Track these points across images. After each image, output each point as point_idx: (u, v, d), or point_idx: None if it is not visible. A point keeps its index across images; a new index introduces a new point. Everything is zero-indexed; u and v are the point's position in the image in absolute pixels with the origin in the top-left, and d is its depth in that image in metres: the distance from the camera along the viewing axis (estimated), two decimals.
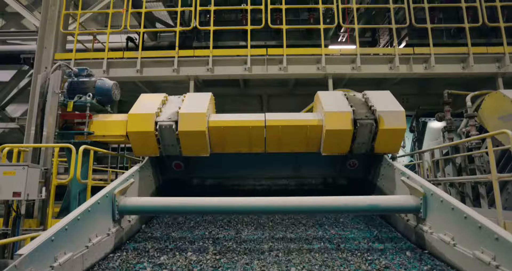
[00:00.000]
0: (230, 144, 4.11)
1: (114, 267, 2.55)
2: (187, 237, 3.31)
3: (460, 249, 2.37)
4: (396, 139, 3.98)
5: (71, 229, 2.36)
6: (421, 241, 2.93)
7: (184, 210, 3.07)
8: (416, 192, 2.98)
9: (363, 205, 2.93)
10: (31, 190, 3.93)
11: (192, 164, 4.52)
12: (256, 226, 3.61)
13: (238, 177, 4.80)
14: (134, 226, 3.44)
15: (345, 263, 2.59)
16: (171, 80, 7.91)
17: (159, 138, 3.98)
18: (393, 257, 2.72)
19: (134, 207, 3.07)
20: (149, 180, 4.12)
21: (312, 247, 2.96)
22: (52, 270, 2.09)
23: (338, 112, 3.91)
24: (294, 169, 4.62)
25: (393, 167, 3.70)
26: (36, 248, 1.99)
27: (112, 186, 3.09)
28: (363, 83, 7.81)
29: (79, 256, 2.39)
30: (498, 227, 2.11)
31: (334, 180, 4.91)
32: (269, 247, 2.97)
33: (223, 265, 2.56)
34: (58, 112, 4.90)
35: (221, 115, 4.23)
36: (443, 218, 2.66)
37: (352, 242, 3.12)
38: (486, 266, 2.07)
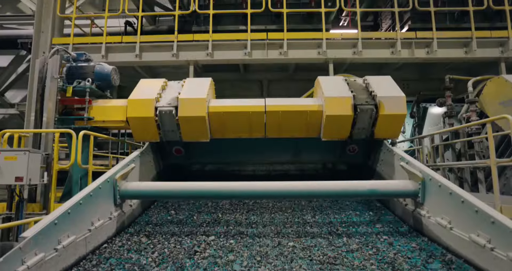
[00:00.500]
0: (230, 129, 4.11)
1: (117, 250, 2.60)
2: (188, 221, 3.36)
3: (456, 233, 2.40)
4: (396, 124, 3.97)
5: (73, 213, 2.40)
6: (419, 225, 2.97)
7: (184, 195, 3.10)
8: (415, 177, 3.01)
9: (362, 190, 2.96)
10: (33, 175, 3.96)
11: (192, 149, 4.54)
12: (256, 210, 3.66)
13: (238, 162, 4.83)
14: (136, 210, 3.49)
15: (343, 246, 2.64)
16: (171, 65, 7.84)
17: (159, 123, 3.98)
18: (389, 241, 2.77)
19: (135, 191, 3.10)
20: (150, 165, 4.14)
21: (311, 231, 3.00)
22: (56, 252, 2.13)
23: (339, 97, 3.89)
24: (294, 154, 4.64)
25: (393, 152, 3.71)
26: (40, 231, 2.03)
27: (113, 171, 3.11)
28: (364, 68, 7.74)
29: (82, 239, 2.44)
30: (494, 211, 2.14)
31: (334, 165, 4.94)
32: (268, 230, 3.02)
33: (224, 248, 2.61)
34: (57, 98, 4.88)
35: (221, 101, 4.21)
36: (440, 202, 2.69)
37: (350, 225, 3.17)
38: (481, 248, 2.11)
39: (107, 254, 2.54)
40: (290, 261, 2.36)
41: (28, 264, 1.86)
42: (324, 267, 2.25)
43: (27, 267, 1.84)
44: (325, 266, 2.27)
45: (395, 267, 2.23)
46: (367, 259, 2.37)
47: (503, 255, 1.93)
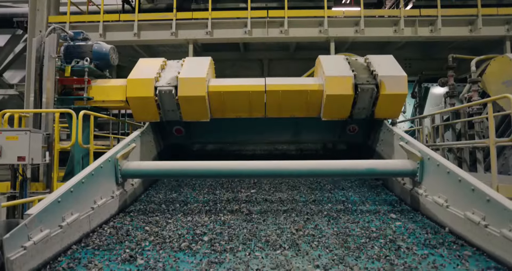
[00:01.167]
0: (230, 109, 4.11)
1: (119, 227, 2.66)
2: (189, 200, 3.42)
3: (452, 210, 2.45)
4: (397, 104, 3.96)
5: (76, 192, 2.44)
6: (416, 204, 3.02)
7: (185, 174, 3.14)
8: (414, 157, 3.03)
9: (361, 169, 2.98)
10: (35, 155, 3.99)
11: (193, 129, 4.55)
12: (256, 189, 3.72)
13: (238, 142, 4.86)
14: (138, 189, 3.55)
15: (340, 225, 2.69)
16: (170, 45, 7.72)
17: (159, 103, 3.98)
18: (386, 219, 2.82)
19: (136, 171, 3.13)
20: (151, 145, 4.17)
21: (309, 209, 3.06)
22: (61, 229, 2.18)
23: (339, 77, 3.85)
24: (294, 134, 4.65)
25: (393, 132, 3.72)
26: (44, 208, 2.07)
27: (114, 151, 3.14)
28: (366, 47, 7.62)
29: (85, 217, 2.49)
30: (490, 189, 2.16)
31: (333, 145, 4.96)
32: (268, 208, 3.08)
33: (225, 225, 2.67)
34: (56, 78, 4.84)
35: (221, 80, 4.18)
36: (438, 181, 2.73)
37: (349, 204, 3.22)
38: (475, 225, 2.15)
39: (112, 229, 2.61)
40: (287, 241, 2.42)
41: (34, 239, 1.91)
42: (320, 244, 2.31)
43: (33, 242, 1.90)
44: (320, 243, 2.33)
45: (392, 244, 2.29)
46: (364, 237, 2.43)
47: (496, 231, 1.98)
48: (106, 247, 2.30)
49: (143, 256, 2.13)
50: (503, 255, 1.92)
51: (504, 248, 1.91)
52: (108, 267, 2.01)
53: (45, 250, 2.01)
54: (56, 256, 2.10)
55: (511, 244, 1.85)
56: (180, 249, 2.23)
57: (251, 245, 2.27)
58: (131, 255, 2.14)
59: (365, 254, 2.14)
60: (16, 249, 1.80)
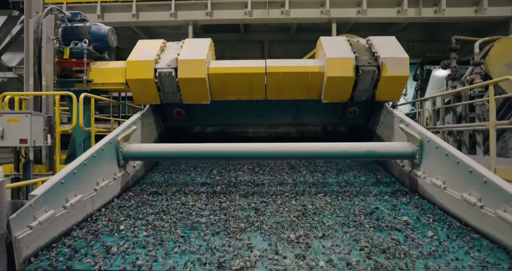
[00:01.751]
0: (231, 91, 4.09)
1: (122, 208, 2.72)
2: (190, 181, 3.47)
3: (449, 192, 2.48)
4: (398, 86, 3.94)
5: (79, 173, 2.47)
6: (414, 186, 3.07)
7: (186, 156, 3.17)
8: (413, 139, 3.04)
9: (361, 151, 3.01)
10: (37, 137, 4.01)
11: (193, 111, 4.56)
12: (256, 171, 3.77)
13: (238, 124, 4.87)
14: (139, 171, 3.59)
15: (339, 206, 2.74)
16: (169, 26, 7.60)
17: (159, 85, 3.96)
18: (385, 200, 2.87)
19: (138, 153, 3.16)
20: (151, 127, 4.18)
21: (310, 190, 3.11)
22: (65, 209, 2.23)
23: (340, 58, 3.82)
24: (294, 116, 4.65)
25: (393, 115, 3.72)
26: (48, 189, 2.10)
27: (115, 133, 3.15)
28: (368, 29, 7.50)
29: (88, 198, 2.54)
30: (487, 171, 2.19)
31: (334, 127, 4.97)
32: (268, 190, 3.12)
33: (226, 206, 2.72)
34: (55, 60, 4.80)
35: (221, 62, 4.15)
36: (436, 163, 2.75)
37: (348, 185, 3.27)
38: (471, 206, 2.19)
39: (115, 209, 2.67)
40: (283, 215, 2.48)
41: (39, 219, 1.96)
42: (318, 221, 2.36)
43: (39, 222, 1.94)
44: (317, 219, 2.38)
45: (388, 224, 2.34)
46: (361, 216, 2.48)
47: (491, 212, 2.01)
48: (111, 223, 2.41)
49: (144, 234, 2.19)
50: (497, 235, 1.97)
51: (498, 228, 1.96)
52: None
53: (51, 230, 2.07)
54: (62, 235, 2.16)
55: (505, 224, 1.89)
56: (179, 231, 2.27)
57: (250, 227, 2.32)
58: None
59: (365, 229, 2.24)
60: (23, 228, 1.84)
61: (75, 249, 1.98)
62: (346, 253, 1.92)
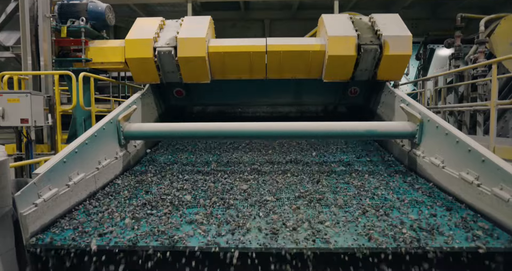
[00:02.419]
0: (231, 70, 4.06)
1: (124, 186, 2.77)
2: (190, 161, 3.50)
3: (448, 171, 2.51)
4: (400, 65, 3.89)
5: (80, 152, 2.50)
6: (413, 165, 3.09)
7: (187, 135, 3.18)
8: (414, 118, 3.04)
9: (361, 131, 3.01)
10: (38, 117, 4.03)
11: (194, 90, 4.53)
12: (256, 151, 3.80)
13: (239, 104, 4.85)
14: (140, 150, 3.62)
15: (339, 185, 2.78)
16: (168, 3, 7.43)
17: (158, 64, 3.92)
18: (384, 179, 2.91)
19: (139, 132, 3.18)
20: (151, 107, 4.18)
21: (309, 169, 3.15)
22: (68, 188, 2.27)
23: (342, 37, 3.75)
24: (295, 96, 4.63)
25: (394, 94, 3.70)
26: (51, 168, 2.13)
27: (116, 113, 3.16)
28: (371, 6, 7.33)
29: (91, 177, 2.57)
30: (486, 150, 2.20)
31: (334, 107, 4.95)
32: (269, 169, 3.16)
33: (226, 184, 2.77)
34: (52, 39, 4.74)
35: (221, 40, 4.08)
36: (436, 143, 2.77)
37: (348, 165, 3.30)
38: (469, 185, 2.22)
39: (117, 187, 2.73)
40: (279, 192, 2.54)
41: (44, 197, 2.00)
42: (314, 198, 2.41)
43: (43, 200, 1.98)
44: (313, 197, 2.42)
45: (387, 202, 2.38)
46: (359, 195, 2.52)
47: (488, 190, 2.05)
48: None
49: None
50: (492, 211, 2.01)
51: (493, 205, 1.99)
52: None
53: (55, 207, 2.11)
54: (66, 213, 2.21)
55: (500, 201, 1.92)
56: (180, 207, 2.34)
57: (249, 203, 2.37)
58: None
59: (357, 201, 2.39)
60: (28, 205, 1.88)
61: (81, 225, 2.03)
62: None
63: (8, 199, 1.89)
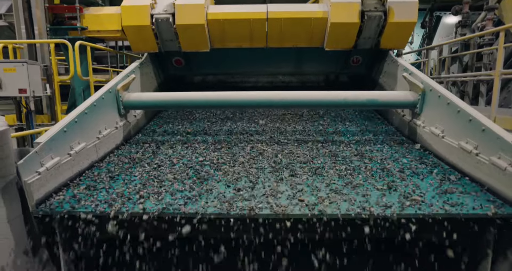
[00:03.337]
0: (231, 38, 3.95)
1: (125, 156, 2.79)
2: (191, 130, 3.51)
3: (447, 141, 2.52)
4: (404, 33, 3.79)
5: (80, 122, 2.50)
6: (413, 135, 3.10)
7: (187, 104, 3.16)
8: (416, 88, 3.01)
9: (362, 100, 2.99)
10: (36, 87, 3.99)
11: (193, 59, 4.45)
12: (256, 119, 3.81)
13: (239, 73, 4.78)
14: (140, 120, 3.62)
15: (339, 154, 2.81)
16: None
17: (156, 32, 3.82)
18: (384, 148, 2.93)
19: (138, 102, 3.16)
20: (150, 76, 4.12)
21: (309, 139, 3.16)
22: (70, 157, 2.29)
23: (345, 3, 3.62)
24: (296, 65, 4.55)
25: (397, 63, 3.63)
26: (51, 137, 2.14)
27: (114, 82, 3.12)
28: None
29: (92, 146, 2.59)
30: (487, 120, 2.19)
31: (336, 77, 4.88)
32: (269, 137, 3.18)
33: (225, 152, 2.79)
34: (45, 6, 4.58)
35: (220, 7, 3.94)
36: (437, 112, 2.75)
37: (348, 134, 3.32)
38: (467, 154, 2.24)
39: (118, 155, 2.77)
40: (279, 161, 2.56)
41: (46, 166, 2.02)
42: (316, 167, 2.44)
43: (46, 168, 2.01)
44: (314, 168, 2.46)
45: (384, 170, 2.42)
46: (357, 164, 2.56)
47: (485, 159, 2.06)
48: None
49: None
50: (489, 180, 2.04)
51: (490, 174, 2.02)
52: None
53: (58, 176, 2.15)
54: (69, 181, 2.25)
55: (497, 170, 1.94)
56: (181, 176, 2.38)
57: (250, 170, 2.41)
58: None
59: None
60: (32, 174, 1.91)
61: (85, 192, 2.08)
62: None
63: (12, 168, 1.91)
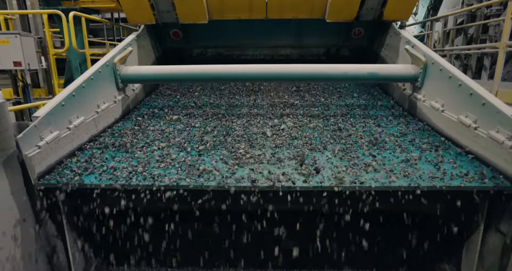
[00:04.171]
0: (229, 9, 3.82)
1: (125, 129, 2.80)
2: (191, 104, 3.50)
3: (447, 115, 2.51)
4: (408, 3, 3.66)
5: (78, 96, 2.47)
6: (413, 109, 3.09)
7: (186, 77, 3.11)
8: (418, 61, 2.95)
9: (363, 73, 2.94)
10: (31, 60, 3.92)
11: (191, 32, 4.34)
12: (256, 93, 3.78)
13: (238, 46, 4.68)
14: (139, 94, 3.59)
15: (338, 126, 2.81)
16: None
17: (152, 3, 3.69)
18: (384, 122, 2.93)
19: (136, 75, 3.11)
20: (148, 49, 4.04)
21: (309, 112, 3.16)
22: (69, 131, 2.30)
23: None
24: (296, 37, 4.44)
25: (400, 36, 3.54)
26: (50, 111, 2.13)
27: (111, 55, 3.06)
28: None
29: (91, 120, 2.59)
30: (488, 93, 2.17)
31: (337, 50, 4.78)
32: (269, 111, 3.17)
33: (225, 125, 2.80)
34: None
35: None
36: (438, 86, 2.72)
37: (348, 108, 3.30)
38: (466, 128, 2.24)
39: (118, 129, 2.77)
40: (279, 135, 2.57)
41: (46, 139, 2.03)
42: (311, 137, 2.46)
43: (46, 142, 2.02)
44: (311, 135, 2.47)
45: (380, 142, 2.43)
46: (355, 135, 2.57)
47: (484, 133, 2.07)
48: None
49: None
50: (485, 153, 2.06)
51: (487, 147, 2.03)
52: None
53: (58, 150, 2.16)
54: (70, 154, 2.27)
55: (494, 143, 1.95)
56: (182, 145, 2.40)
57: (250, 139, 2.43)
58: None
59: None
60: (32, 147, 1.92)
61: (86, 165, 2.10)
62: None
63: (11, 141, 1.92)
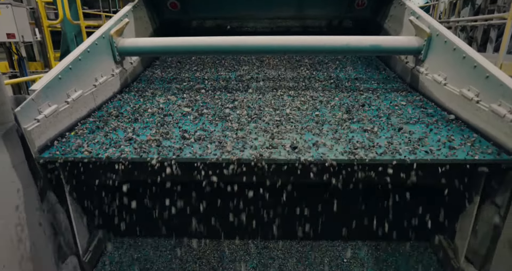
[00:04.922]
0: None
1: (124, 102, 2.78)
2: (190, 78, 3.45)
3: (449, 88, 2.48)
4: None
5: (75, 69, 2.43)
6: (415, 82, 3.05)
7: (185, 50, 3.04)
8: (422, 33, 2.88)
9: (365, 45, 2.88)
10: (24, 32, 3.81)
11: (189, 2, 4.21)
12: (257, 66, 3.72)
13: (238, 17, 4.55)
14: (137, 68, 3.53)
15: (339, 98, 2.79)
16: None
17: None
18: (385, 96, 2.90)
19: (133, 48, 3.05)
20: (145, 21, 3.92)
21: (310, 85, 3.12)
22: (68, 104, 2.28)
23: None
24: (298, 8, 4.30)
25: (404, 6, 3.43)
26: (47, 84, 2.10)
27: (107, 27, 2.98)
28: None
29: (89, 94, 2.56)
30: (492, 66, 2.13)
31: (339, 21, 4.65)
32: (270, 86, 3.13)
33: (225, 101, 2.78)
34: None
35: None
36: (442, 59, 2.67)
37: (349, 81, 3.26)
38: (468, 101, 2.22)
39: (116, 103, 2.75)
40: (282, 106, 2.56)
41: (45, 113, 2.02)
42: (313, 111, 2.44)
43: (44, 116, 2.00)
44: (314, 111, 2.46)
45: (382, 117, 2.42)
46: (355, 111, 2.55)
47: (485, 106, 2.05)
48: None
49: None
50: (486, 127, 2.05)
51: (488, 121, 2.02)
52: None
53: (58, 123, 2.15)
54: (69, 128, 2.26)
55: (495, 116, 1.94)
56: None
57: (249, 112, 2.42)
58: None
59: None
60: (31, 121, 1.91)
61: (87, 138, 2.11)
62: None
63: (9, 115, 1.90)
